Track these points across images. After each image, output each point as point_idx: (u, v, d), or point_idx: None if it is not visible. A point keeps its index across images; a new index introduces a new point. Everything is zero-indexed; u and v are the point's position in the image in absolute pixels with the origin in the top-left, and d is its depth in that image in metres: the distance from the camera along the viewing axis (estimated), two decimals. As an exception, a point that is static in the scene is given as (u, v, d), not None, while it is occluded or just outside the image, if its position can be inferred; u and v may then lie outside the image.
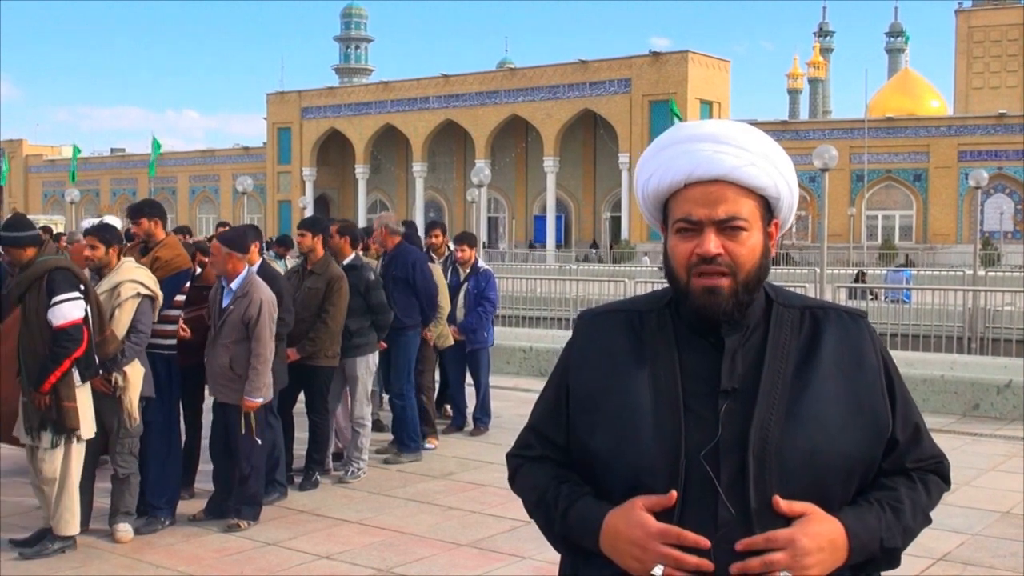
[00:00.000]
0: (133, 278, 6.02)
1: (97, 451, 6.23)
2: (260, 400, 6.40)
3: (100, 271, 6.09)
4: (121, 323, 5.95)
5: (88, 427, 5.78)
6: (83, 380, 5.71)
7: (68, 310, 5.57)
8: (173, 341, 6.51)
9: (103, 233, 6.12)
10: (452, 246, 9.99)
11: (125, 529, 6.12)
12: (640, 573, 1.64)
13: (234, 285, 6.41)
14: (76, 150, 57.04)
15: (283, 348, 7.01)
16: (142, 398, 6.11)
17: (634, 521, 1.65)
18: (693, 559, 1.60)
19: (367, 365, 7.80)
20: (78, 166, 58.24)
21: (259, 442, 6.49)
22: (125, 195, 70.25)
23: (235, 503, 6.48)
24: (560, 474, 1.83)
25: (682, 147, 1.76)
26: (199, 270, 7.23)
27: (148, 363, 6.18)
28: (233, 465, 6.49)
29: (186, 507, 6.77)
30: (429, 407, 9.02)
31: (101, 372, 5.85)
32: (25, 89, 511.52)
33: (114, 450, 6.14)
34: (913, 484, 1.77)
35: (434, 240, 10.10)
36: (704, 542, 1.61)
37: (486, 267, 9.67)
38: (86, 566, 5.71)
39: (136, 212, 6.68)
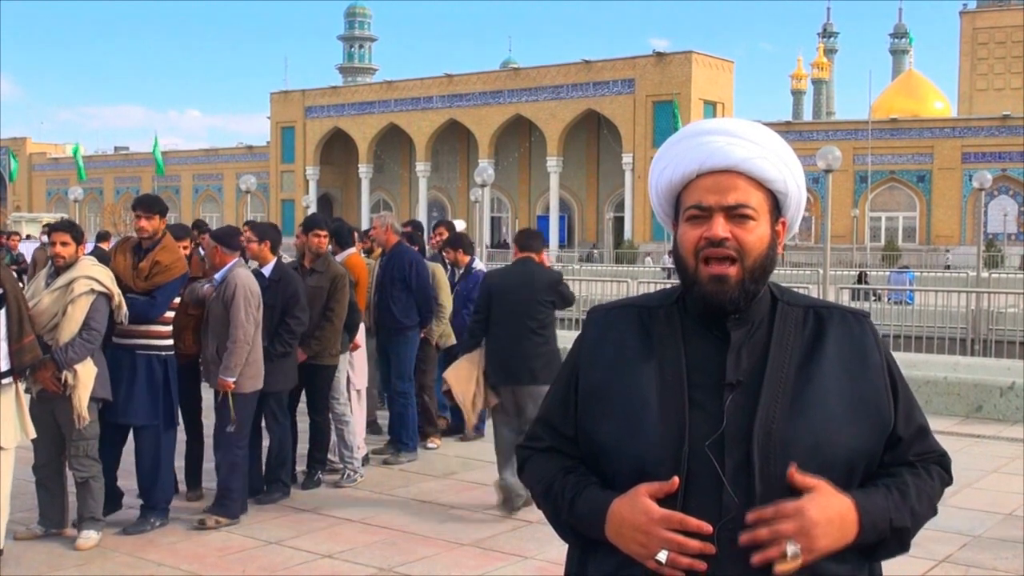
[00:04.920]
0: (88, 274, 5.88)
1: (57, 453, 6.11)
2: (232, 380, 6.41)
3: (59, 268, 5.93)
4: (74, 319, 5.80)
5: (7, 435, 5.54)
6: None
7: None
8: (169, 342, 6.41)
9: (74, 231, 5.99)
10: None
11: (86, 536, 5.97)
12: (645, 559, 1.67)
13: (217, 276, 6.63)
14: (76, 149, 57.05)
15: (296, 347, 7.05)
16: (96, 399, 5.95)
17: (638, 508, 1.67)
18: (696, 543, 1.63)
19: (340, 365, 7.72)
20: (81, 164, 58.30)
21: (234, 429, 6.50)
22: (129, 193, 70.22)
23: (215, 498, 6.54)
24: (567, 465, 1.86)
25: (695, 140, 1.82)
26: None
27: (104, 363, 6.02)
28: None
29: (194, 507, 6.80)
30: (431, 406, 9.01)
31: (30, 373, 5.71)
32: (27, 88, 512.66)
33: (69, 454, 5.99)
34: (917, 472, 1.80)
35: (436, 239, 10.11)
36: (706, 527, 1.63)
37: (479, 269, 9.57)
38: (89, 564, 5.72)
39: (152, 205, 6.41)
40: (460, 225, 11.25)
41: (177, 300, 6.50)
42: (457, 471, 8.03)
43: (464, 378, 6.82)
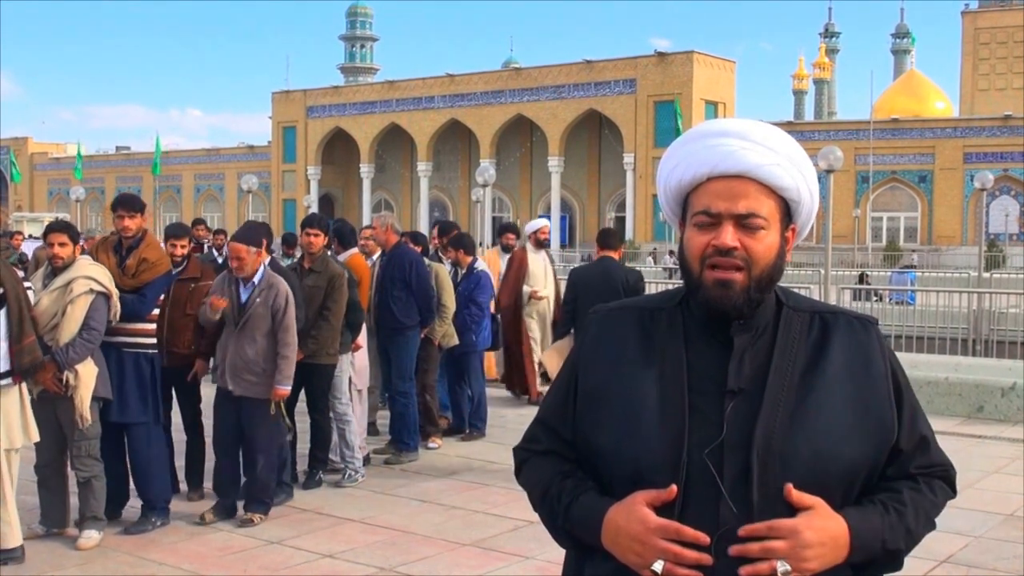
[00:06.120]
0: (86, 274, 5.87)
1: (59, 452, 6.11)
2: (288, 388, 6.46)
3: (57, 269, 5.92)
4: (73, 319, 5.80)
5: (12, 437, 5.54)
6: None
7: None
8: (154, 340, 6.38)
9: (71, 231, 5.97)
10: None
11: (88, 536, 5.97)
12: (640, 568, 1.64)
13: (256, 279, 6.51)
14: (79, 148, 57.19)
15: None
16: (98, 399, 5.95)
17: (635, 516, 1.65)
18: (693, 554, 1.60)
19: (342, 365, 7.75)
20: (83, 164, 58.35)
21: (286, 432, 6.59)
22: (130, 193, 70.24)
23: (247, 497, 6.53)
24: (565, 469, 1.82)
25: (709, 141, 1.77)
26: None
27: (104, 362, 6.01)
28: (248, 461, 6.55)
29: (195, 507, 6.80)
30: (433, 406, 9.01)
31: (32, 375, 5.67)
32: (28, 87, 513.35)
33: (71, 454, 5.99)
34: (917, 487, 1.77)
35: (436, 241, 10.15)
36: (703, 538, 1.61)
37: (481, 269, 9.59)
38: (89, 563, 5.72)
39: (134, 204, 6.49)
40: (542, 223, 11.68)
41: (162, 297, 6.49)
42: (458, 471, 8.03)
43: (560, 362, 7.41)
